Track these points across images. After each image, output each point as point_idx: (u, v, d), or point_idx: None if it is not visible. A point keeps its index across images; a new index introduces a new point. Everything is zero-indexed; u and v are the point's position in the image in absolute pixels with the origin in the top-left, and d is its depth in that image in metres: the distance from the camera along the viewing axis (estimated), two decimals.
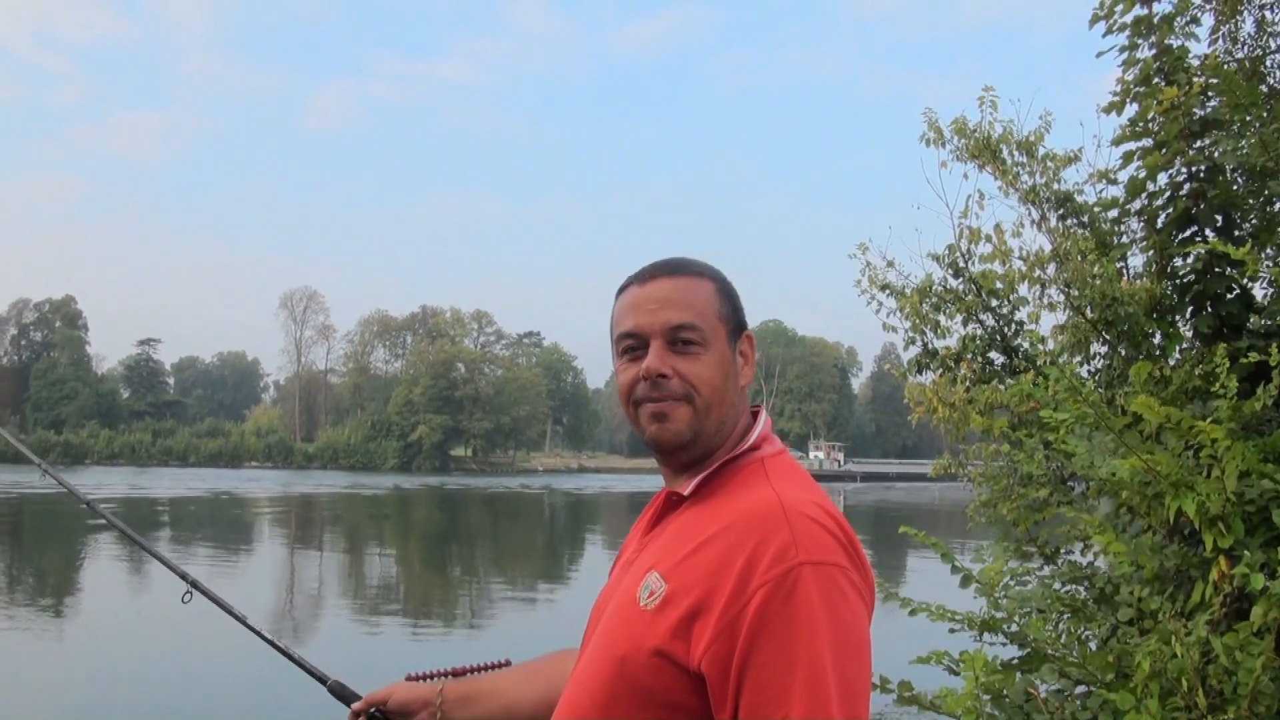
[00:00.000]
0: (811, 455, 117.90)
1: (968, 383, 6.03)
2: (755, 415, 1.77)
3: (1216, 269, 4.79)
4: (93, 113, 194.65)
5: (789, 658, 1.44)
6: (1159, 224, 5.01)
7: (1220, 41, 5.69)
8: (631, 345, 1.71)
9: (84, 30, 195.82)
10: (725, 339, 1.71)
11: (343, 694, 2.18)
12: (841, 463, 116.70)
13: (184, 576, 2.47)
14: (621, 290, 1.77)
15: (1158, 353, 4.98)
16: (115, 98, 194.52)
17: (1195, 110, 4.85)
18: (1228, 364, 3.76)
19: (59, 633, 18.29)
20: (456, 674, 2.16)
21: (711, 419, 1.68)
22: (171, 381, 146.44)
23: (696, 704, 1.52)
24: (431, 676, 2.15)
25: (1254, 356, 3.90)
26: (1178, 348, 4.98)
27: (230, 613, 2.41)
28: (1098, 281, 5.04)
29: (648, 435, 1.71)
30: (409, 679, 2.13)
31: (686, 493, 1.69)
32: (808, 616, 1.45)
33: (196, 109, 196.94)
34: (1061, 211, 5.70)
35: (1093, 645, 4.20)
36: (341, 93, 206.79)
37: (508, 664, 2.19)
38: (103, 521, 2.73)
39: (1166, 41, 4.98)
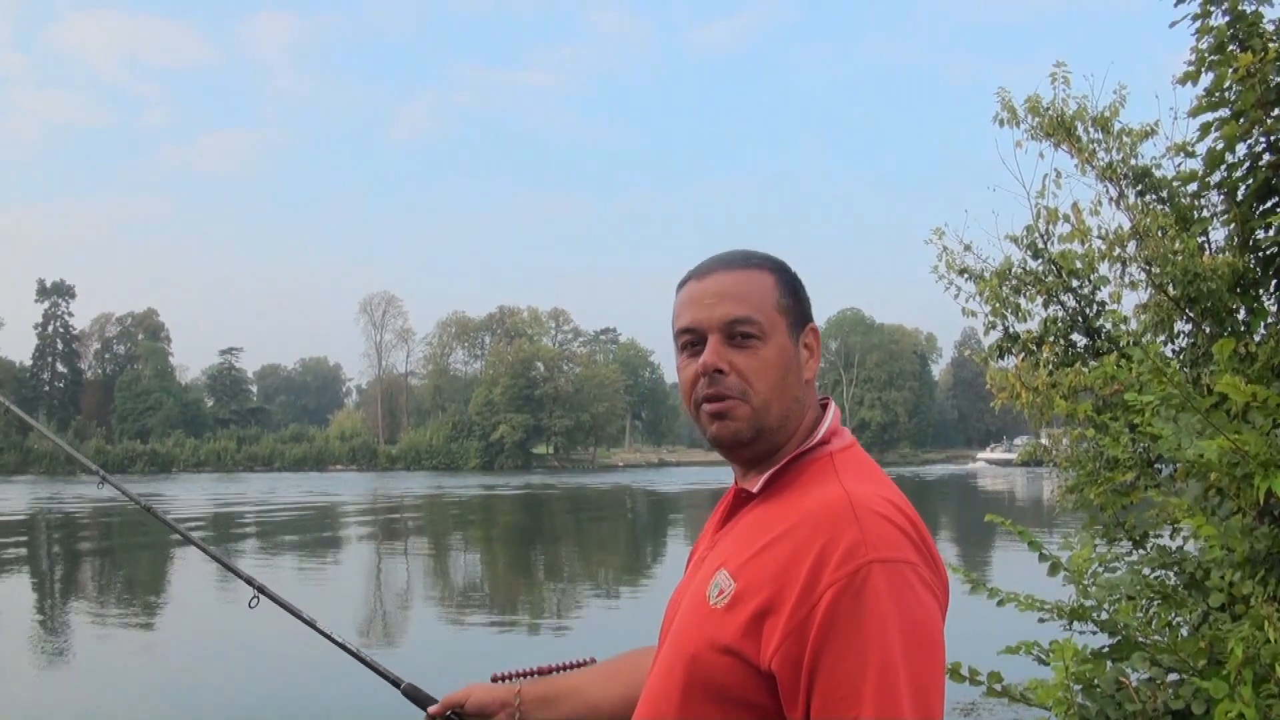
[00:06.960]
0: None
1: (1050, 366, 5.93)
2: (825, 407, 1.74)
3: None
4: (181, 134, 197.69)
5: (859, 658, 1.42)
6: (1239, 196, 4.90)
7: None
8: (690, 341, 1.69)
9: (171, 56, 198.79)
10: (786, 331, 1.67)
11: (417, 697, 2.17)
12: None
13: (250, 581, 2.43)
14: (681, 285, 1.73)
15: (1242, 329, 4.88)
16: (203, 118, 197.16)
17: (1272, 77, 4.71)
18: None
19: (139, 640, 18.62)
20: (541, 673, 2.16)
21: (772, 415, 1.65)
22: (255, 389, 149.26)
23: (769, 703, 1.50)
24: (516, 676, 2.15)
25: None
26: (1262, 323, 4.86)
27: (299, 616, 2.36)
28: (1179, 257, 4.94)
29: (709, 434, 1.69)
30: (494, 679, 2.14)
31: (755, 490, 1.67)
32: (877, 615, 1.43)
33: (281, 126, 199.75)
34: (1140, 187, 5.60)
35: (1184, 632, 4.11)
36: (426, 106, 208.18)
37: (591, 662, 2.19)
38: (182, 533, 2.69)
39: (1240, 7, 4.85)
